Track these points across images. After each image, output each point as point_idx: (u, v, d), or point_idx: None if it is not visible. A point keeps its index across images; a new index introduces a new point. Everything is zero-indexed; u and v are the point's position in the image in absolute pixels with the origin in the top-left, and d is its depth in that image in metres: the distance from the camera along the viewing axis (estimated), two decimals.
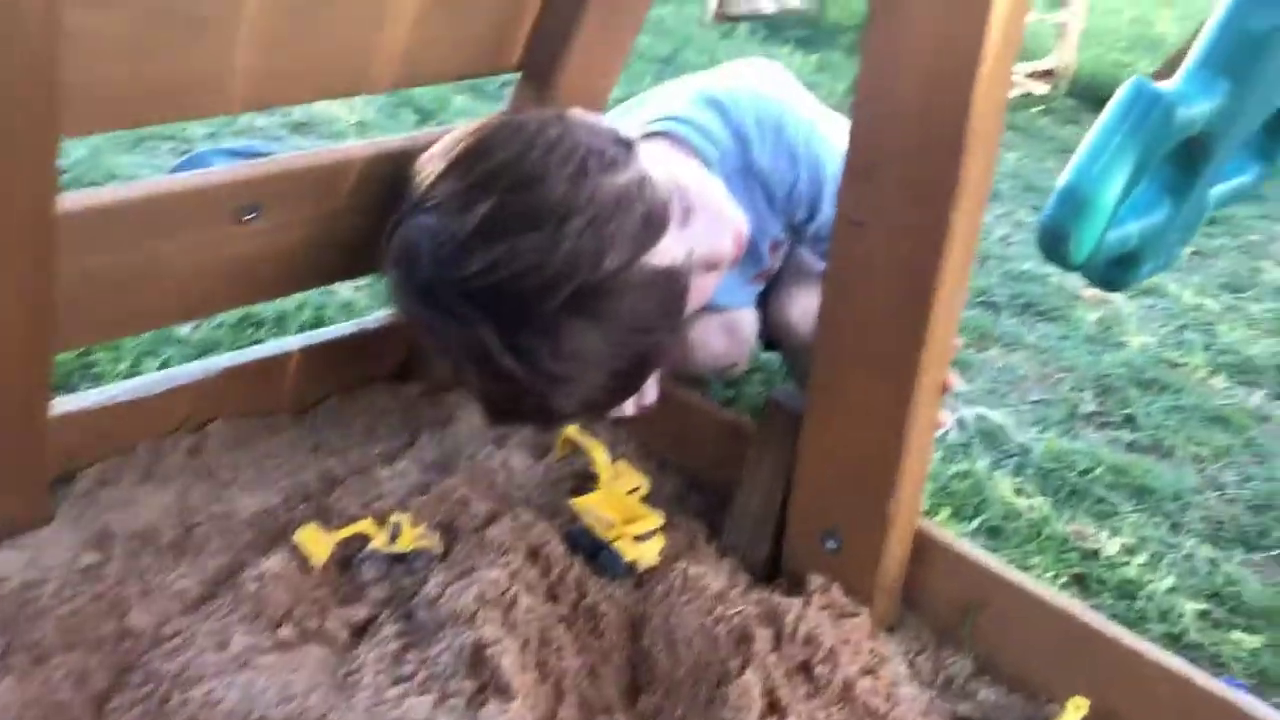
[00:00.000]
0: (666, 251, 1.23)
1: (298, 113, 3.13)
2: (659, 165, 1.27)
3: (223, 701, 1.12)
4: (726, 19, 5.07)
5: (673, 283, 1.23)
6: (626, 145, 1.22)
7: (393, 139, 1.30)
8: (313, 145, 2.94)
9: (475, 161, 1.13)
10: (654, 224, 1.20)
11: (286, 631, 1.26)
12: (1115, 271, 1.23)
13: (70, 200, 1.10)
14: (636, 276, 1.19)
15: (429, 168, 1.18)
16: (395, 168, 1.30)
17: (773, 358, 1.98)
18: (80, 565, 1.32)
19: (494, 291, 1.12)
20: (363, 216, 1.34)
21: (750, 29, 5.06)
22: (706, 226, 1.32)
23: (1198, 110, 1.10)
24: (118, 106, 1.02)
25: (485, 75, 1.31)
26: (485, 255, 1.10)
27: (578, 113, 1.21)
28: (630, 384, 1.29)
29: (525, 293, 1.12)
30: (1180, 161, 1.17)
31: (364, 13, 1.10)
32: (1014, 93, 4.30)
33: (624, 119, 1.45)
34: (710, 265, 1.36)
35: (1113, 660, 1.19)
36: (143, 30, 0.97)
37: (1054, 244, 1.12)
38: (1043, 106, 4.23)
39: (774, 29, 5.18)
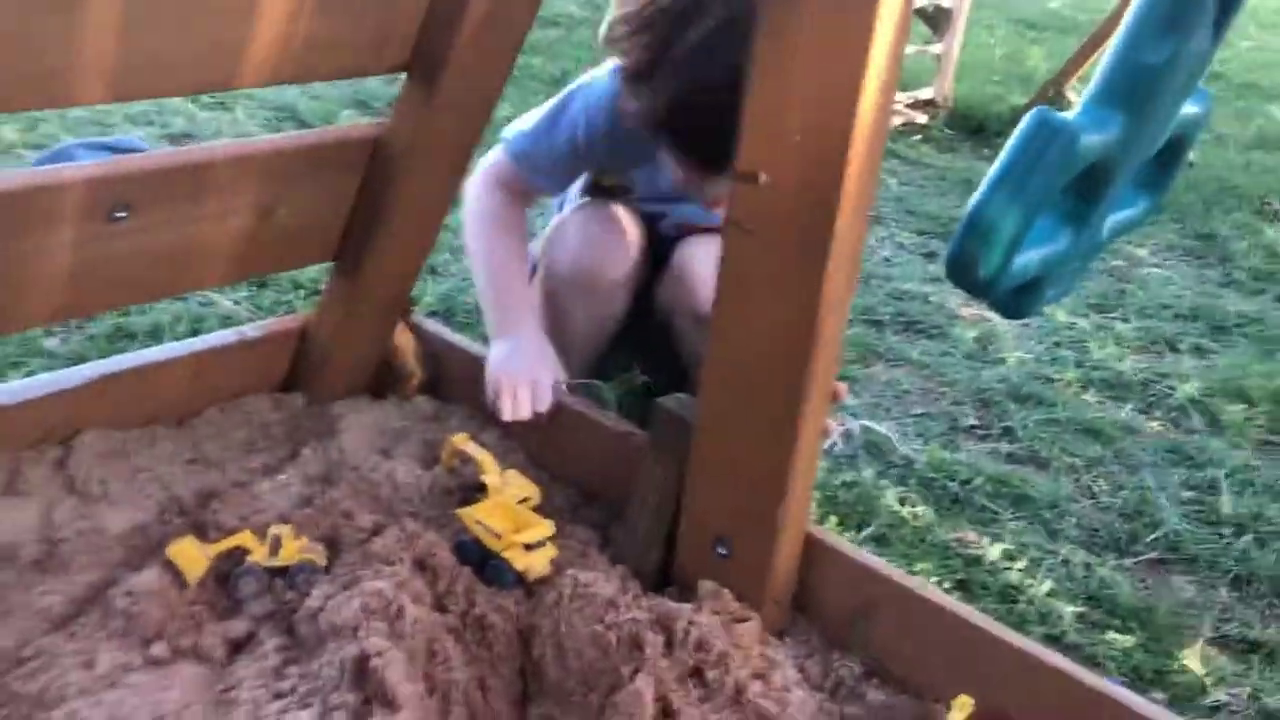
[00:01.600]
0: None
1: (177, 124, 3.04)
2: None
3: None
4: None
5: None
6: None
7: (262, 140, 1.27)
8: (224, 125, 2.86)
9: None
10: None
11: (159, 649, 1.20)
12: (1019, 298, 1.25)
13: None
14: None
15: None
16: (264, 169, 1.27)
17: None
18: None
19: None
20: (238, 219, 1.30)
21: None
22: None
23: (1097, 140, 1.13)
24: None
25: (368, 74, 1.29)
26: None
27: None
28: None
29: None
30: (1079, 191, 1.20)
31: (233, 3, 1.06)
32: (896, 121, 4.42)
33: None
34: None
35: (998, 660, 1.21)
36: (7, 12, 0.93)
37: (962, 270, 1.14)
38: (922, 135, 4.36)
39: None
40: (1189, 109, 1.26)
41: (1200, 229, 3.58)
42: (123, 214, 1.18)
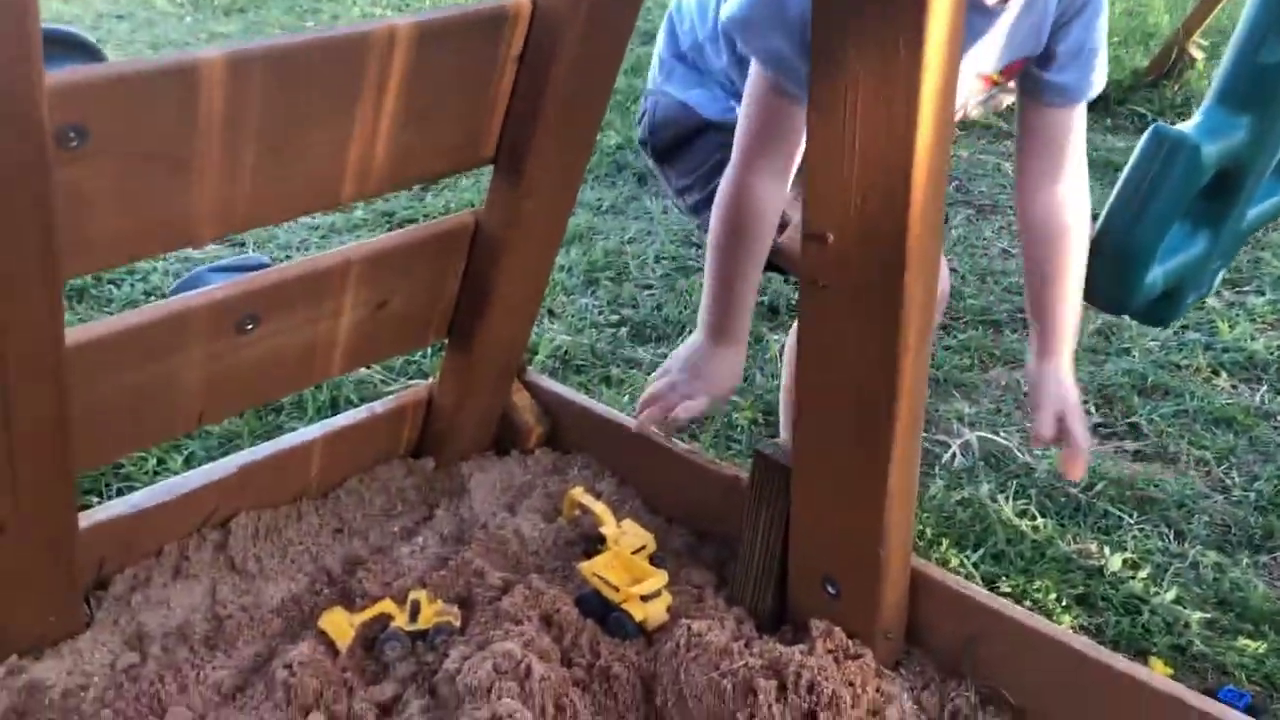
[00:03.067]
0: None
1: (297, 235, 3.17)
2: None
3: None
4: None
5: None
6: None
7: (365, 243, 1.38)
8: (324, 220, 3.02)
9: None
10: None
11: (317, 716, 1.33)
12: (1160, 307, 1.25)
13: (79, 332, 1.18)
14: None
15: None
16: (374, 268, 1.38)
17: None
18: (120, 667, 1.39)
19: None
20: (354, 314, 1.42)
21: None
22: None
23: (1222, 147, 1.12)
24: (110, 247, 1.10)
25: (458, 173, 1.38)
26: None
27: None
28: None
29: None
30: (1213, 194, 1.19)
31: (332, 136, 1.17)
32: (1010, 99, 4.33)
33: None
34: None
35: (1108, 685, 1.22)
36: (126, 178, 1.05)
37: (1096, 294, 1.16)
38: None
39: None
40: None
41: None
42: (250, 325, 1.31)
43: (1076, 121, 1.43)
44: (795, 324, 1.67)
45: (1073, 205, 1.43)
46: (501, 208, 1.43)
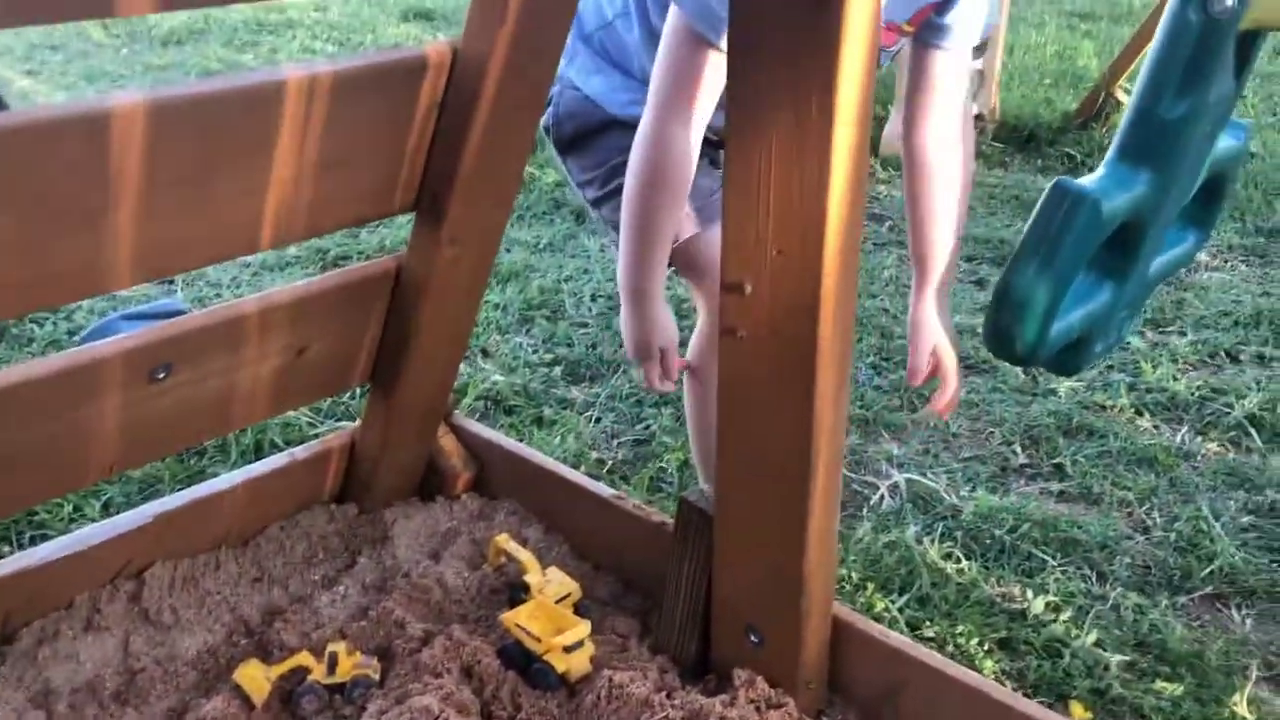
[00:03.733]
0: None
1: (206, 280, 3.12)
2: None
3: None
4: None
5: None
6: None
7: (283, 290, 1.36)
8: (243, 271, 2.99)
9: None
10: None
11: None
12: (1066, 358, 1.26)
13: None
14: None
15: None
16: (292, 314, 1.36)
17: None
18: None
19: None
20: (273, 360, 1.40)
21: None
22: None
23: (1123, 200, 1.14)
24: (13, 295, 1.07)
25: (377, 219, 1.37)
26: None
27: None
28: None
29: None
30: (1116, 246, 1.21)
31: (250, 183, 1.16)
32: None
33: None
34: None
35: None
36: (28, 227, 1.03)
37: (1000, 346, 1.17)
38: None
39: None
40: (1225, 143, 1.24)
41: (1262, 224, 3.52)
42: (162, 374, 1.28)
43: (955, 67, 1.58)
44: (686, 376, 1.69)
45: (945, 146, 1.59)
46: (423, 254, 1.42)
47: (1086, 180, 1.13)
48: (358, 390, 2.29)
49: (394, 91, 1.25)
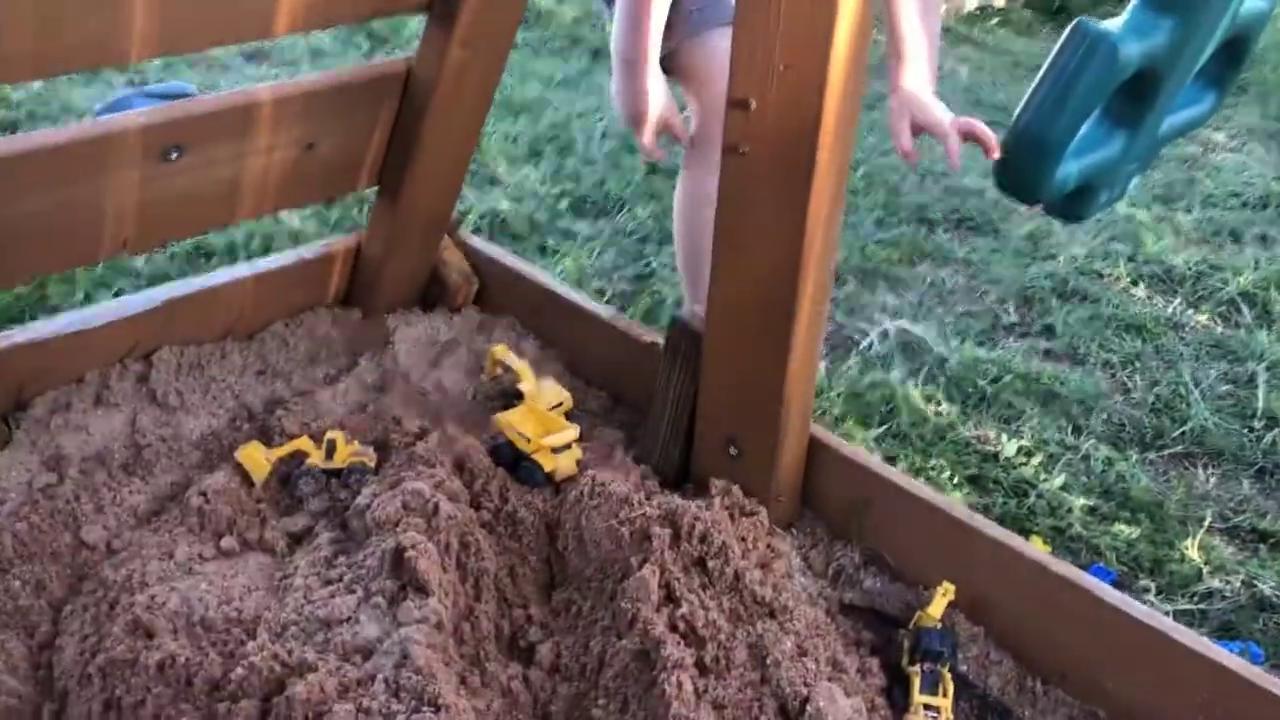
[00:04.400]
0: None
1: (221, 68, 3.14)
2: None
3: (166, 604, 1.22)
4: None
5: None
6: None
7: (300, 80, 1.38)
8: (268, 72, 2.98)
9: None
10: None
11: (228, 541, 1.37)
12: (1072, 203, 1.29)
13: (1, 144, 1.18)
14: None
15: None
16: (304, 107, 1.38)
17: None
18: (37, 485, 1.42)
19: None
20: (283, 152, 1.42)
21: None
22: None
23: (1143, 47, 1.15)
24: (32, 62, 1.10)
25: (392, 14, 1.38)
26: None
27: None
28: None
29: None
30: (1131, 95, 1.22)
31: None
32: (971, 4, 4.32)
33: None
34: None
35: (980, 550, 1.30)
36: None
37: (1011, 183, 1.20)
38: (999, 18, 4.26)
39: None
40: (1251, 2, 1.24)
41: None
42: (176, 154, 1.31)
43: None
44: (679, 187, 1.68)
45: None
46: (434, 55, 1.43)
47: (1108, 23, 1.14)
48: (366, 206, 2.31)
49: None
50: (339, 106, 1.44)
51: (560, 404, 1.59)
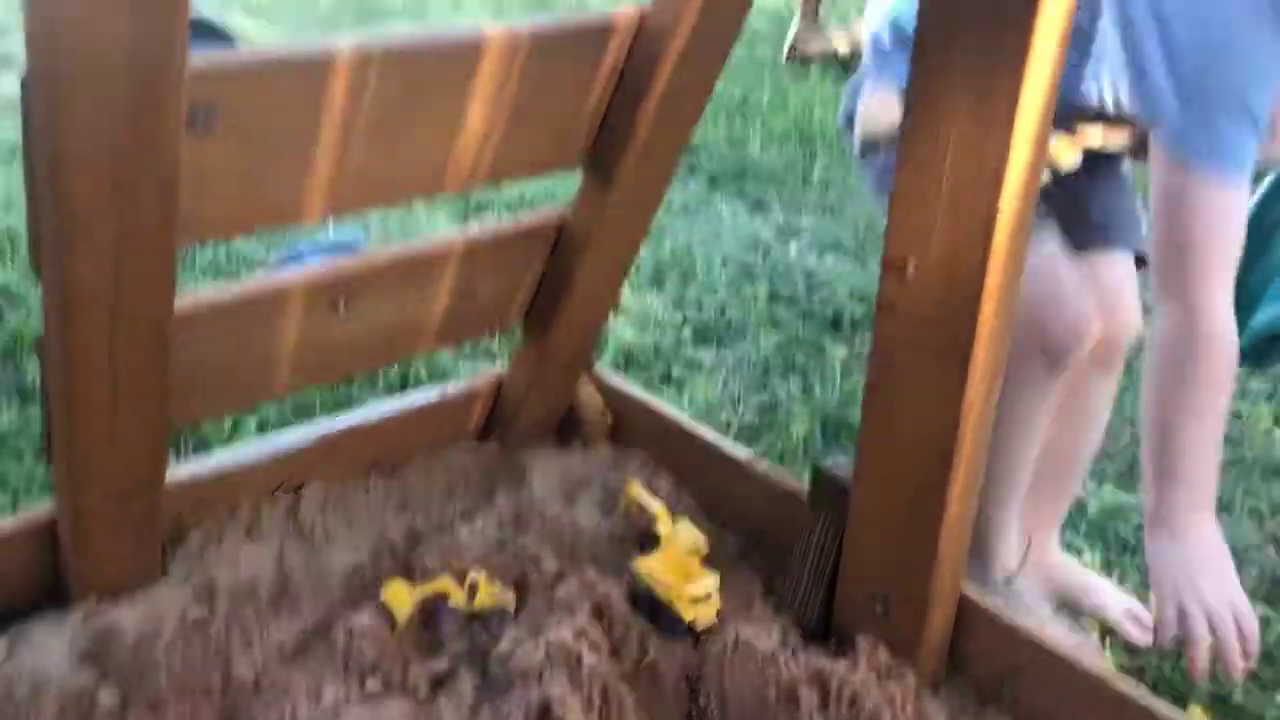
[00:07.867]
0: None
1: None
2: None
3: None
4: (801, 59, 5.16)
5: None
6: None
7: (461, 233, 1.43)
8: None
9: None
10: None
11: (373, 683, 1.38)
12: (1266, 349, 1.26)
13: (188, 299, 1.24)
14: None
15: None
16: (464, 258, 1.43)
17: None
18: (190, 618, 1.46)
19: None
20: (443, 301, 1.47)
21: (822, 69, 5.14)
22: None
23: None
24: (224, 222, 1.16)
25: (551, 170, 1.43)
26: None
27: None
28: None
29: None
30: None
31: (438, 131, 1.22)
32: None
33: None
34: None
35: None
36: (246, 159, 1.11)
37: None
38: None
39: (846, 69, 5.24)
40: None
41: None
42: (344, 304, 1.36)
43: None
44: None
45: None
46: (589, 209, 1.47)
47: None
48: (499, 336, 2.37)
49: (582, 52, 1.30)
50: (497, 257, 1.49)
51: (696, 549, 1.59)
